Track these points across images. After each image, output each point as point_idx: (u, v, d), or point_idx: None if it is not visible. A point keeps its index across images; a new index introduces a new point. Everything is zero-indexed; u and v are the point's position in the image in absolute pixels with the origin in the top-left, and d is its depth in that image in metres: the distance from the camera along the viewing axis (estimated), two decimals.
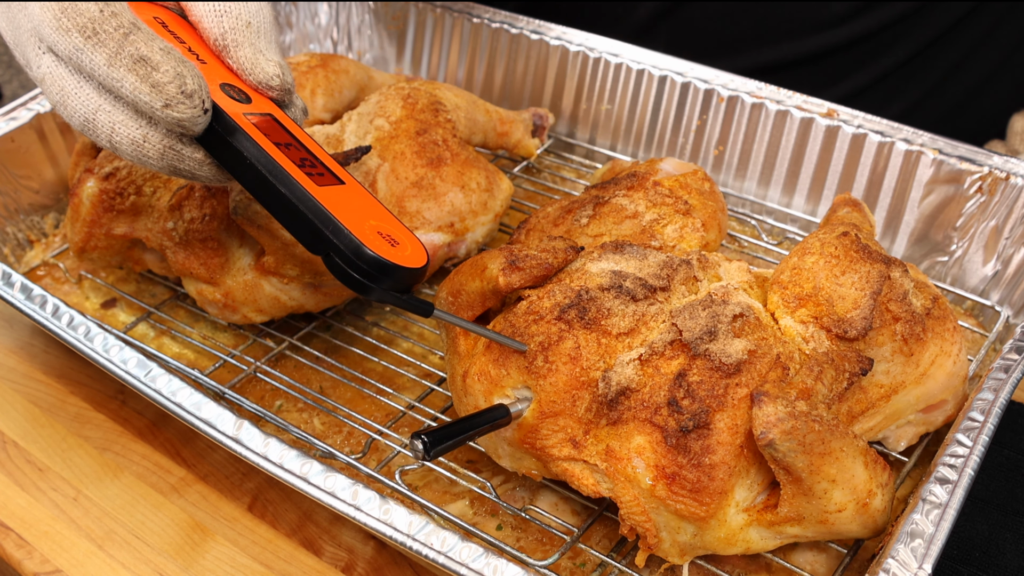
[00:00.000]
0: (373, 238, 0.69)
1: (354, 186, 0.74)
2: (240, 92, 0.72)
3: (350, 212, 0.70)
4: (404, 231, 0.73)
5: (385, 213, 0.73)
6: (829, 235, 0.82)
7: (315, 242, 0.70)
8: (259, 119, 0.71)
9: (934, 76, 1.35)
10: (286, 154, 0.70)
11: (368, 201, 0.73)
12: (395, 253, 0.69)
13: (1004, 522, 0.83)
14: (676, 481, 0.70)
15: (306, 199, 0.69)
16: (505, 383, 0.76)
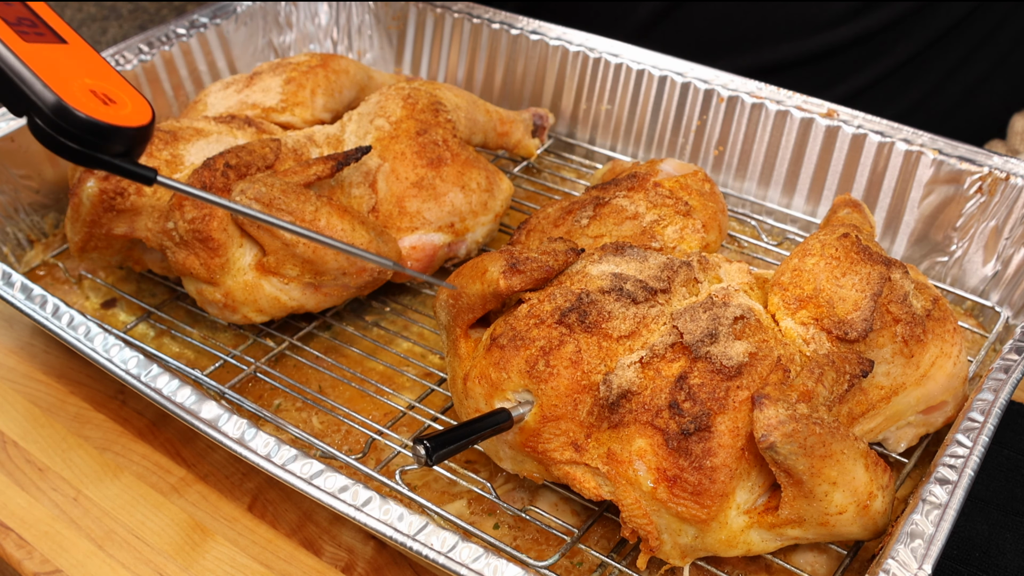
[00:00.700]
0: (82, 97, 0.63)
1: (79, 45, 0.69)
2: None
3: (59, 71, 0.64)
4: (126, 87, 0.67)
5: (107, 70, 0.68)
6: (830, 236, 0.82)
7: (14, 102, 0.65)
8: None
9: (934, 76, 1.35)
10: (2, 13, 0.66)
11: (90, 60, 0.67)
12: (109, 112, 0.64)
13: (1004, 522, 0.83)
14: (677, 484, 0.70)
15: (7, 59, 0.64)
16: (506, 387, 0.76)
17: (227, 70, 1.25)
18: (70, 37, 0.69)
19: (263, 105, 1.05)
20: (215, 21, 1.22)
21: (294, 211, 0.88)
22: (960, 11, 1.29)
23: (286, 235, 0.88)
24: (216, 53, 1.23)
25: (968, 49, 1.34)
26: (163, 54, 1.17)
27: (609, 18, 1.36)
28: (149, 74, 1.16)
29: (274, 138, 0.97)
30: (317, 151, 1.00)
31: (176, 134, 0.97)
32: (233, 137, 0.99)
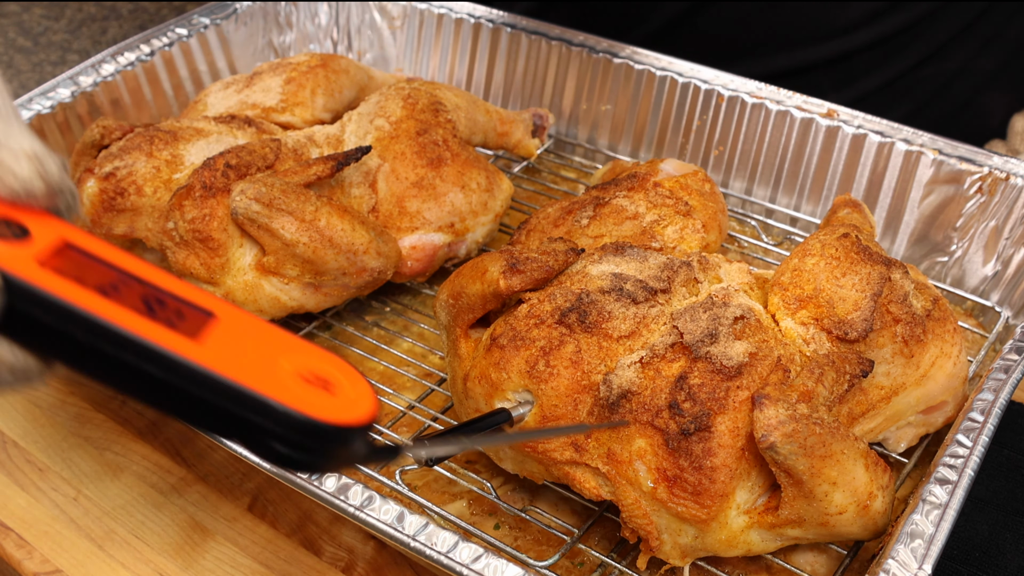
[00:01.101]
0: (302, 393, 0.47)
1: (231, 313, 0.49)
2: (8, 225, 0.47)
3: (251, 362, 0.47)
4: (329, 359, 0.50)
5: (292, 340, 0.50)
6: (830, 236, 0.82)
7: (223, 427, 0.47)
8: (57, 259, 0.46)
9: (940, 79, 1.35)
10: (121, 302, 0.46)
11: (262, 330, 0.50)
12: (338, 405, 0.47)
13: (1004, 522, 0.83)
14: (677, 484, 0.70)
15: (185, 370, 0.45)
16: (506, 387, 0.76)
17: (227, 70, 1.25)
18: (213, 304, 0.50)
19: (263, 105, 1.05)
20: (215, 21, 1.22)
21: (294, 211, 0.88)
22: (970, 15, 1.30)
23: (286, 235, 0.88)
24: (216, 53, 1.23)
25: (974, 51, 1.34)
26: (163, 54, 1.17)
27: (620, 27, 1.36)
28: (149, 74, 1.16)
29: (274, 138, 0.97)
30: (317, 151, 1.00)
31: (176, 134, 0.97)
32: (233, 137, 0.99)
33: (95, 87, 1.11)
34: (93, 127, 0.99)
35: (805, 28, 1.31)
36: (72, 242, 0.47)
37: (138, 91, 1.15)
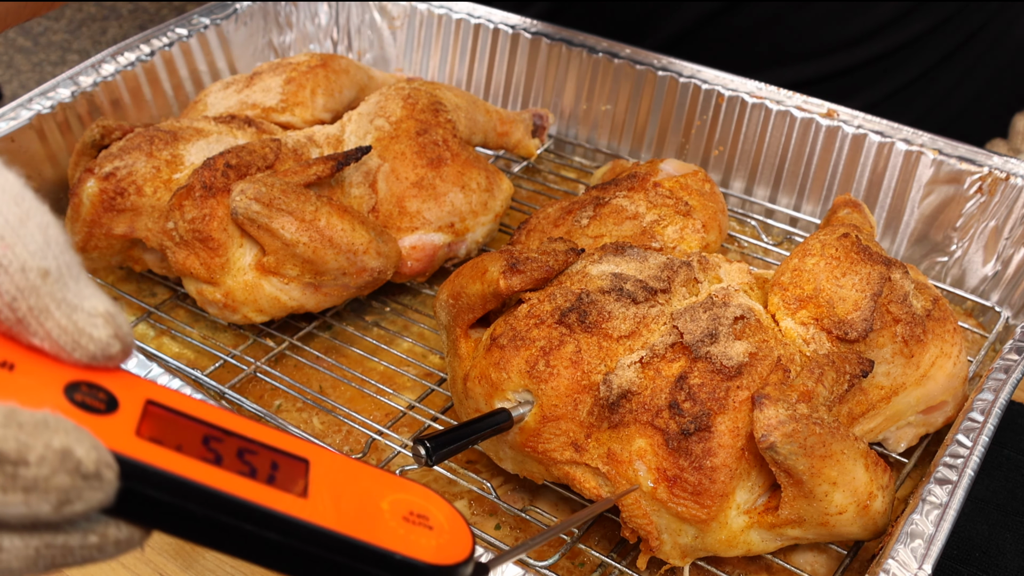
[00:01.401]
0: (409, 536, 0.46)
1: (321, 456, 0.48)
2: (92, 392, 0.43)
3: (358, 511, 0.46)
4: (422, 493, 0.50)
5: (384, 477, 0.49)
6: (830, 236, 0.82)
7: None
8: (149, 424, 0.44)
9: (945, 86, 1.35)
10: (225, 466, 0.44)
11: (355, 470, 0.49)
12: (442, 543, 0.47)
13: (1004, 522, 0.83)
14: (677, 484, 0.70)
15: (301, 531, 0.44)
16: (506, 387, 0.76)
17: (227, 70, 1.25)
18: (304, 449, 0.48)
19: (263, 105, 1.05)
20: (215, 21, 1.22)
21: (294, 211, 0.88)
22: (975, 23, 1.30)
23: (286, 235, 0.88)
24: (216, 53, 1.23)
25: (977, 57, 1.34)
26: (163, 54, 1.17)
27: (633, 33, 1.36)
28: (149, 74, 1.16)
29: (274, 138, 0.97)
30: (317, 151, 1.00)
31: (176, 134, 0.97)
32: (233, 137, 0.99)
33: (95, 87, 1.11)
34: (93, 127, 0.99)
35: (805, 44, 1.31)
36: (153, 399, 0.45)
37: (138, 91, 1.15)
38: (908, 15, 1.28)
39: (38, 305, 0.40)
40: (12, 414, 0.37)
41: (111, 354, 0.43)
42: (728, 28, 1.32)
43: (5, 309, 0.40)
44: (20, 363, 0.41)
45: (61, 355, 0.42)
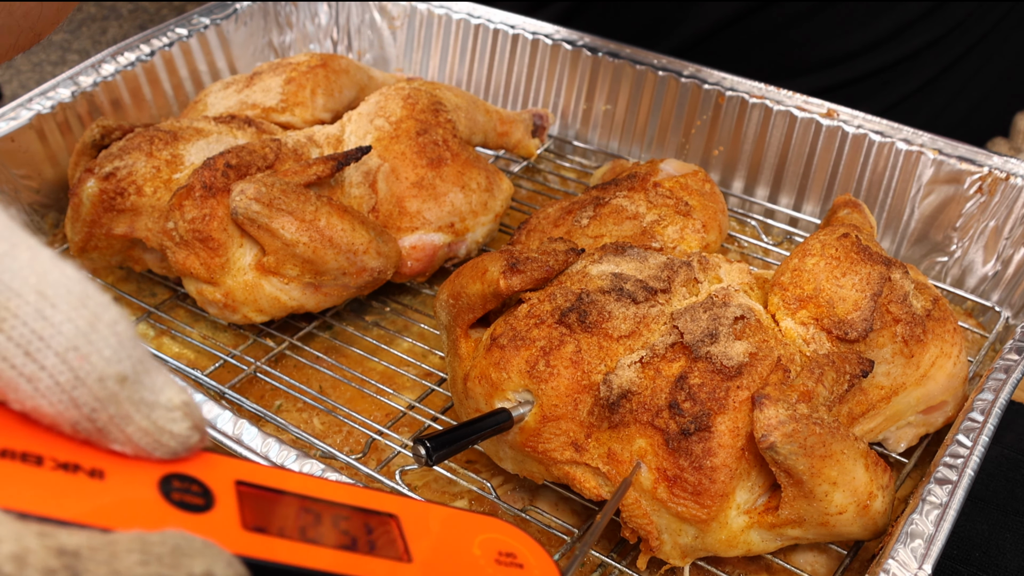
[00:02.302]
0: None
1: (407, 507, 0.47)
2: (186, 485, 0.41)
3: (457, 564, 0.47)
4: (507, 530, 0.50)
5: (470, 518, 0.50)
6: (829, 236, 0.82)
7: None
8: (247, 512, 0.42)
9: (950, 91, 1.35)
10: (324, 543, 0.43)
11: (442, 517, 0.49)
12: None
13: (1004, 522, 0.83)
14: (677, 484, 0.70)
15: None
16: (506, 387, 0.76)
17: (227, 70, 1.25)
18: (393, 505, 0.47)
19: (263, 105, 1.05)
20: (215, 21, 1.22)
21: (294, 211, 0.88)
22: (985, 26, 1.30)
23: (286, 235, 0.88)
24: (216, 53, 1.23)
25: (982, 62, 1.34)
26: (163, 54, 1.17)
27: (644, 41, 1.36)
28: (149, 74, 1.16)
29: (274, 138, 0.97)
30: (317, 151, 1.00)
31: (176, 134, 0.98)
32: (233, 137, 0.99)
33: (95, 87, 1.11)
34: (93, 127, 0.99)
35: (805, 58, 1.31)
36: (241, 479, 0.43)
37: (138, 91, 1.16)
38: (911, 27, 1.28)
39: (118, 413, 0.38)
40: (146, 546, 0.34)
41: (190, 445, 0.41)
42: (738, 37, 1.31)
43: (84, 421, 0.37)
44: (108, 468, 0.39)
45: (142, 456, 0.40)
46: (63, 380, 0.36)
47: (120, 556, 0.33)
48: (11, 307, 0.34)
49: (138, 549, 0.34)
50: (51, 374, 0.36)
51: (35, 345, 0.35)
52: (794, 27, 1.29)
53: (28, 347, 0.35)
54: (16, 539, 0.31)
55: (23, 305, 0.34)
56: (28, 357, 0.35)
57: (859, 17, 1.27)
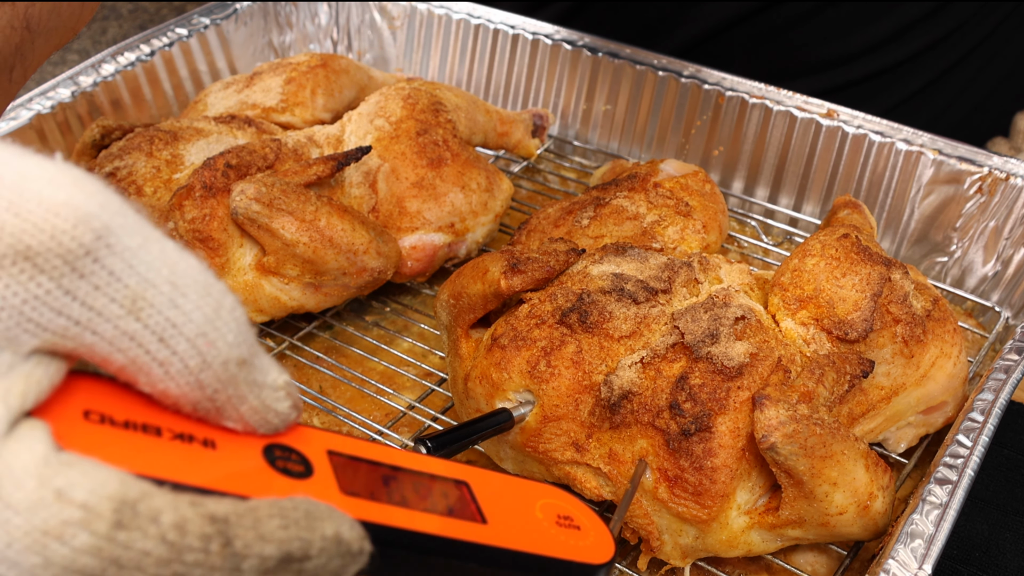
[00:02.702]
0: (568, 540, 0.50)
1: (475, 475, 0.51)
2: (287, 454, 0.44)
3: (524, 525, 0.49)
4: (563, 496, 0.53)
5: (529, 485, 0.53)
6: (829, 237, 0.82)
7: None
8: (343, 480, 0.44)
9: (952, 91, 1.35)
10: (410, 506, 0.45)
11: (506, 484, 0.52)
12: (592, 543, 0.51)
13: (1004, 522, 0.83)
14: (678, 484, 0.70)
15: (497, 556, 0.47)
16: (507, 387, 0.76)
17: (227, 70, 1.25)
18: (465, 472, 0.50)
19: (263, 105, 1.05)
20: (215, 21, 1.22)
21: (294, 211, 0.88)
22: (987, 27, 1.30)
23: (286, 235, 0.88)
24: (216, 53, 1.23)
25: (985, 60, 1.34)
26: (163, 54, 1.17)
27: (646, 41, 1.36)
28: (149, 74, 1.16)
29: (274, 138, 0.97)
30: (317, 151, 1.00)
31: (176, 134, 0.97)
32: (233, 137, 0.99)
33: (95, 87, 1.11)
34: (93, 127, 0.98)
35: (805, 60, 1.31)
36: (331, 449, 0.46)
37: (138, 91, 1.15)
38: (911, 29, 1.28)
39: (236, 393, 0.40)
40: (283, 511, 0.37)
41: (289, 422, 0.43)
42: (738, 39, 1.31)
43: (205, 401, 0.39)
44: (216, 438, 0.41)
45: (248, 432, 0.42)
46: (192, 364, 0.38)
47: (263, 521, 0.35)
48: (147, 297, 0.36)
49: (277, 514, 0.36)
50: (182, 358, 0.37)
51: (169, 332, 0.36)
52: (794, 29, 1.29)
53: (162, 334, 0.36)
54: (174, 509, 0.33)
55: (158, 295, 0.36)
56: (162, 343, 0.37)
57: (859, 19, 1.27)
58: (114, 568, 0.32)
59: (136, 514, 0.33)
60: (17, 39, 0.66)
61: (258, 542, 0.35)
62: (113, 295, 0.35)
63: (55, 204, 0.33)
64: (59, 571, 0.32)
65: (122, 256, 0.35)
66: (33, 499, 0.32)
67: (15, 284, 0.33)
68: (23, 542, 0.31)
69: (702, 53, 1.31)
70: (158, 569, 0.33)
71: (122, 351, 0.36)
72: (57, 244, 0.33)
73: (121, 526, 0.32)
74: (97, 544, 0.32)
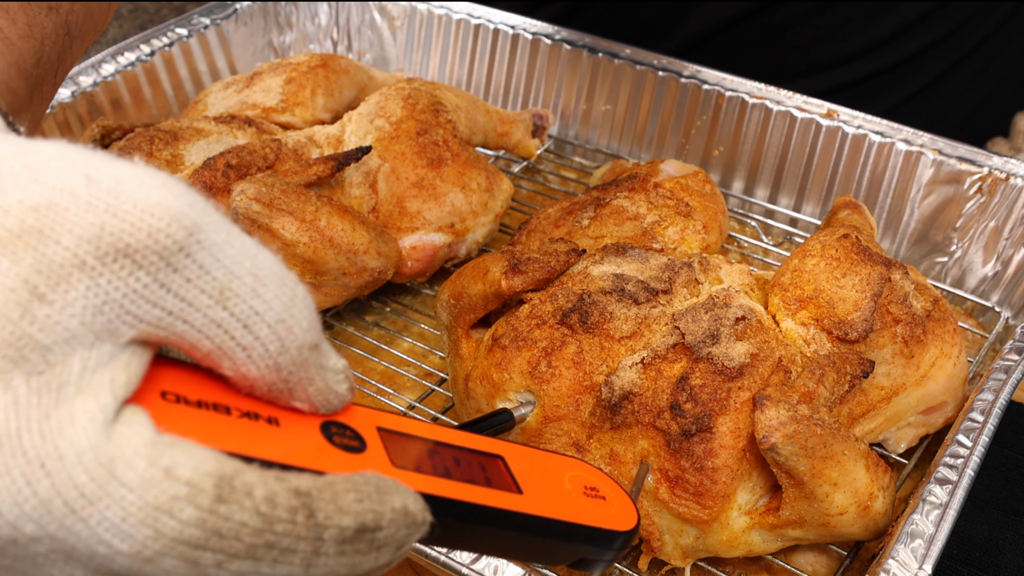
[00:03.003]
0: (595, 509, 0.53)
1: (508, 449, 0.54)
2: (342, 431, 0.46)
3: (555, 495, 0.52)
4: (587, 469, 0.57)
5: (556, 458, 0.56)
6: (830, 237, 0.82)
7: (560, 558, 0.53)
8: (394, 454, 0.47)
9: (952, 92, 1.35)
10: (454, 477, 0.48)
11: (534, 457, 0.54)
12: (616, 511, 0.54)
13: (1004, 522, 0.83)
14: (679, 484, 0.70)
15: (531, 523, 0.50)
16: (508, 387, 0.76)
17: (227, 70, 1.25)
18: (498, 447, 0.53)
19: (263, 105, 1.05)
20: (215, 21, 1.22)
21: (295, 211, 0.88)
22: (987, 28, 1.30)
23: (286, 235, 0.88)
24: (216, 53, 1.23)
25: (985, 62, 1.34)
26: (163, 54, 1.17)
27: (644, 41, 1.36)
28: (149, 74, 1.16)
29: (275, 138, 0.97)
30: (317, 151, 1.00)
31: (176, 134, 0.97)
32: (233, 137, 0.99)
33: (95, 87, 1.11)
34: (93, 127, 0.98)
35: (804, 60, 1.31)
36: (381, 426, 0.48)
37: (138, 91, 1.15)
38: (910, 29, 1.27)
39: (306, 376, 0.43)
40: (356, 486, 0.40)
41: (347, 402, 0.46)
42: (736, 40, 1.31)
43: (280, 383, 0.42)
44: (280, 417, 0.43)
45: (311, 411, 0.45)
46: (272, 348, 0.40)
47: (340, 495, 0.38)
48: (233, 287, 0.39)
49: (352, 488, 0.39)
50: (263, 343, 0.40)
51: (252, 319, 0.39)
52: (792, 29, 1.29)
53: (247, 321, 0.39)
54: (264, 484, 0.37)
55: (242, 286, 0.39)
56: (246, 329, 0.39)
57: (857, 20, 1.27)
58: (216, 538, 0.36)
59: (233, 489, 0.36)
60: (60, 44, 0.69)
61: (337, 514, 0.38)
62: (203, 287, 0.38)
63: (150, 205, 0.36)
64: (168, 542, 0.35)
65: (210, 251, 0.38)
66: (145, 478, 0.35)
67: (116, 280, 0.36)
68: (137, 516, 0.34)
69: (701, 53, 1.31)
70: (253, 539, 0.36)
71: (210, 338, 0.39)
72: (154, 242, 0.36)
73: (221, 500, 0.35)
74: (201, 516, 0.35)
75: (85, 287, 0.36)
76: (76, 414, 0.35)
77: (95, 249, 0.35)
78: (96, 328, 0.36)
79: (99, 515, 0.34)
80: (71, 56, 0.73)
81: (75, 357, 0.36)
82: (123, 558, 0.35)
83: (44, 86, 0.68)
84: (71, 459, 0.34)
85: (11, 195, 0.35)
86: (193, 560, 0.36)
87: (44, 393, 0.35)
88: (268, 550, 0.37)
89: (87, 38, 0.75)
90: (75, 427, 0.35)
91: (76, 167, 0.36)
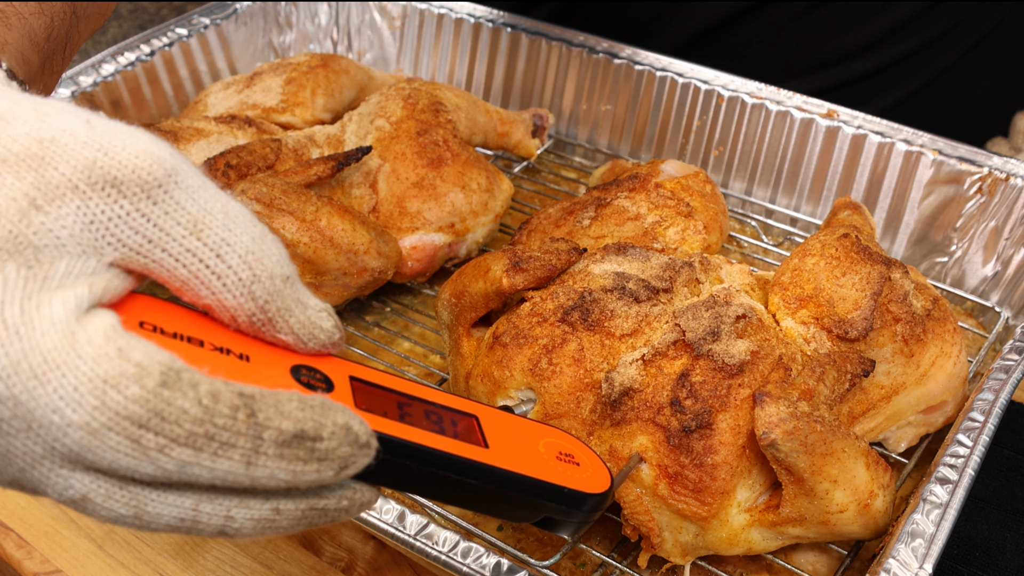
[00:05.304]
0: (567, 472, 0.55)
1: (483, 411, 0.56)
2: (311, 373, 0.49)
3: (525, 454, 0.55)
4: (563, 436, 0.59)
5: (531, 425, 0.59)
6: (830, 237, 0.82)
7: (524, 515, 0.55)
8: (360, 398, 0.50)
9: (948, 94, 1.35)
10: (419, 426, 0.51)
11: (510, 421, 0.57)
12: (588, 475, 0.56)
13: (1004, 522, 0.83)
14: (679, 481, 0.70)
15: (496, 476, 0.52)
16: (509, 385, 0.76)
17: (227, 70, 1.25)
18: (471, 406, 0.56)
19: (263, 105, 1.05)
20: (215, 21, 1.22)
21: (295, 211, 0.88)
22: (984, 27, 1.30)
23: (287, 235, 0.88)
24: (216, 53, 1.23)
25: (984, 62, 1.34)
26: (163, 54, 1.17)
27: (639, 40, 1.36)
28: (149, 74, 1.16)
29: (275, 138, 0.97)
30: (318, 151, 1.00)
31: (177, 134, 0.97)
32: (234, 137, 0.99)
33: (95, 87, 1.11)
34: None
35: (799, 60, 1.31)
36: (354, 375, 0.51)
37: (138, 91, 1.15)
38: (905, 27, 1.28)
39: (284, 306, 0.47)
40: (302, 399, 0.44)
41: (335, 341, 0.50)
42: (731, 38, 1.31)
43: (259, 312, 0.47)
44: (252, 354, 0.47)
45: (299, 346, 0.49)
46: (244, 276, 0.45)
47: (283, 402, 0.43)
48: (206, 221, 0.44)
49: (296, 399, 0.43)
50: (235, 271, 0.45)
51: (223, 249, 0.44)
52: (786, 28, 1.29)
53: (218, 250, 0.44)
54: (210, 383, 0.41)
55: (214, 220, 0.44)
56: (219, 258, 0.44)
57: (852, 19, 1.27)
58: (157, 419, 0.39)
59: (179, 379, 0.40)
60: (68, 23, 0.74)
61: (278, 416, 0.42)
62: (179, 219, 0.43)
63: (136, 148, 0.42)
64: (112, 415, 0.39)
65: (185, 190, 0.43)
66: (99, 352, 0.39)
67: (103, 204, 0.42)
68: (87, 387, 0.38)
69: (695, 52, 1.31)
70: (193, 427, 0.40)
71: (186, 266, 0.44)
72: (137, 176, 0.42)
73: (166, 385, 0.39)
74: (145, 396, 0.39)
75: (76, 206, 0.41)
76: (54, 299, 0.40)
77: (87, 177, 0.41)
78: (83, 242, 0.42)
79: (56, 381, 0.38)
80: (78, 35, 0.78)
81: (62, 262, 0.41)
82: (73, 430, 0.39)
83: (54, 59, 0.73)
84: (41, 330, 0.39)
85: (20, 127, 0.41)
86: (136, 439, 0.39)
87: (31, 281, 0.40)
88: (208, 441, 0.40)
89: (93, 20, 0.80)
90: (51, 307, 0.39)
91: (79, 115, 0.43)
